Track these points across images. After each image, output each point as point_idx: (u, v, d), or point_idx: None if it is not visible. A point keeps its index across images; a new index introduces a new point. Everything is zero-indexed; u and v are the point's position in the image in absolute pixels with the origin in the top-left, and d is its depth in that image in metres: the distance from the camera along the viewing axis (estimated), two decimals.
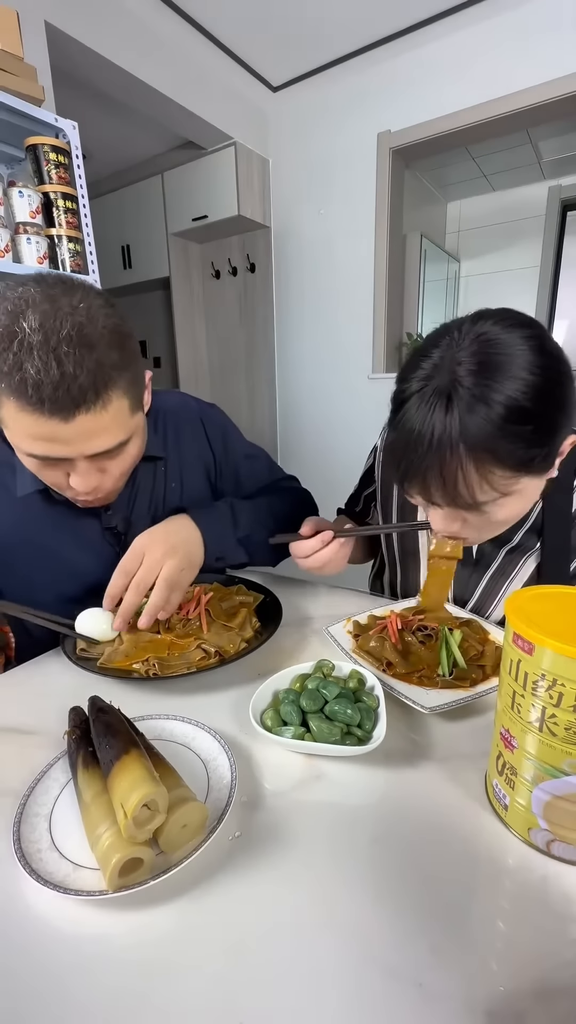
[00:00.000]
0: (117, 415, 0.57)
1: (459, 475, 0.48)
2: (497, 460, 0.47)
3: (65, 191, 1.47)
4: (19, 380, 0.50)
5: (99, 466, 0.61)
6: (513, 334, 0.48)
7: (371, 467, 0.88)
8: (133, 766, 0.37)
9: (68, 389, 0.51)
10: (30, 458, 0.58)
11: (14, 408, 0.53)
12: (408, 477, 0.53)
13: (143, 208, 3.00)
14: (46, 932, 0.32)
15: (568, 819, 0.36)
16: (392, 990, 0.29)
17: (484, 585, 0.72)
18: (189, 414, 0.87)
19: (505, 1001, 0.28)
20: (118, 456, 0.62)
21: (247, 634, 0.64)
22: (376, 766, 0.46)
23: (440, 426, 0.47)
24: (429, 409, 0.48)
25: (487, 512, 0.52)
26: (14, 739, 0.51)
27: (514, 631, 0.36)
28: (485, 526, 0.57)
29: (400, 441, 0.52)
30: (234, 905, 0.34)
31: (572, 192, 3.21)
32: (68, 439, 0.55)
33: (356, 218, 2.54)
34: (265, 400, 3.11)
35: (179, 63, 2.16)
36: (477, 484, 0.49)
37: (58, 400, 0.51)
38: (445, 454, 0.48)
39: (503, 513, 0.53)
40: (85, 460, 0.58)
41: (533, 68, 1.99)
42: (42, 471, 0.61)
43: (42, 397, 0.51)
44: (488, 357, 0.47)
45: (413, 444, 0.49)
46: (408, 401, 0.51)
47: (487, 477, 0.48)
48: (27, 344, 0.50)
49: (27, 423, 0.53)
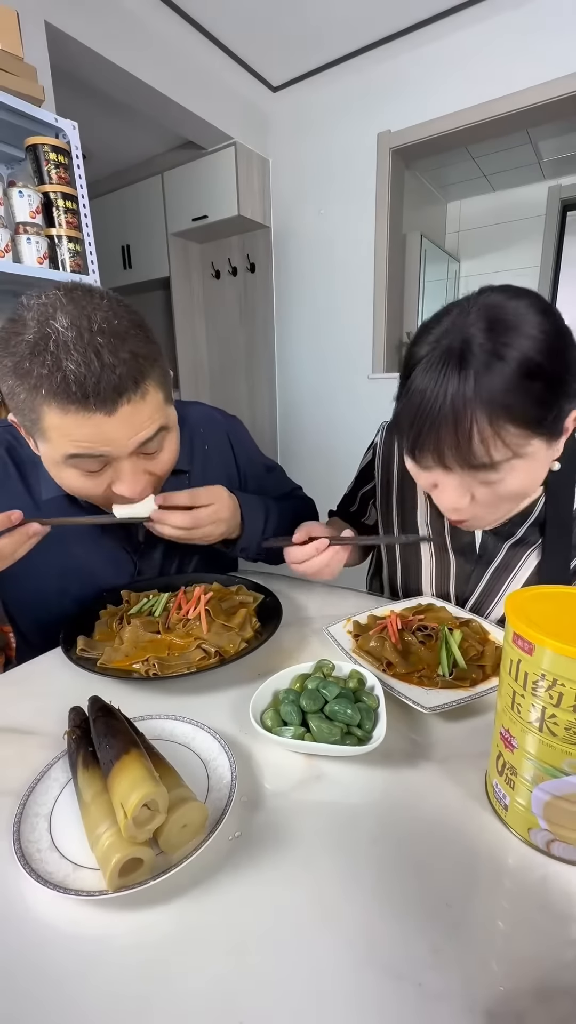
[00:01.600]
0: (155, 406, 0.58)
1: (474, 432, 0.49)
2: (511, 417, 0.49)
3: (65, 191, 1.47)
4: (61, 379, 0.51)
5: (144, 466, 0.61)
6: (519, 301, 0.50)
7: (369, 464, 0.87)
8: (133, 766, 0.37)
9: (109, 380, 0.52)
10: (73, 468, 0.58)
11: (57, 412, 0.53)
12: (421, 440, 0.53)
13: (143, 208, 3.00)
14: (46, 932, 0.32)
15: (568, 819, 0.36)
16: (392, 990, 0.29)
17: (486, 580, 0.72)
18: (216, 429, 0.88)
19: (505, 1001, 0.28)
20: (159, 454, 0.62)
21: (247, 634, 0.64)
22: (376, 766, 0.46)
23: (455, 383, 0.49)
24: (442, 368, 0.49)
25: (498, 479, 0.53)
26: (14, 739, 0.51)
27: (514, 631, 0.36)
28: (493, 502, 0.57)
29: (412, 405, 0.52)
30: (234, 905, 0.34)
31: (572, 192, 3.21)
32: (113, 434, 0.55)
33: (356, 218, 2.54)
34: (265, 400, 3.11)
35: (179, 63, 2.16)
36: (492, 440, 0.49)
37: (101, 392, 0.52)
38: (461, 411, 0.49)
39: (512, 481, 0.54)
40: (129, 460, 0.59)
41: (533, 68, 1.99)
42: (85, 485, 0.60)
43: (86, 392, 0.51)
44: (499, 319, 0.49)
45: (427, 404, 0.50)
46: (418, 366, 0.52)
47: (501, 434, 0.49)
48: (62, 342, 0.51)
49: (71, 424, 0.53)
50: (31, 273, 1.42)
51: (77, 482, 0.60)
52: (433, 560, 0.76)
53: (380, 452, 0.84)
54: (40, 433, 0.56)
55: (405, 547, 0.80)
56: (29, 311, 0.53)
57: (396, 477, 0.81)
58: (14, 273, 1.38)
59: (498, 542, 0.70)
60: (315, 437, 3.00)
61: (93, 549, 0.75)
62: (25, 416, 0.56)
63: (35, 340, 0.51)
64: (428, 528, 0.77)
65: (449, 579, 0.75)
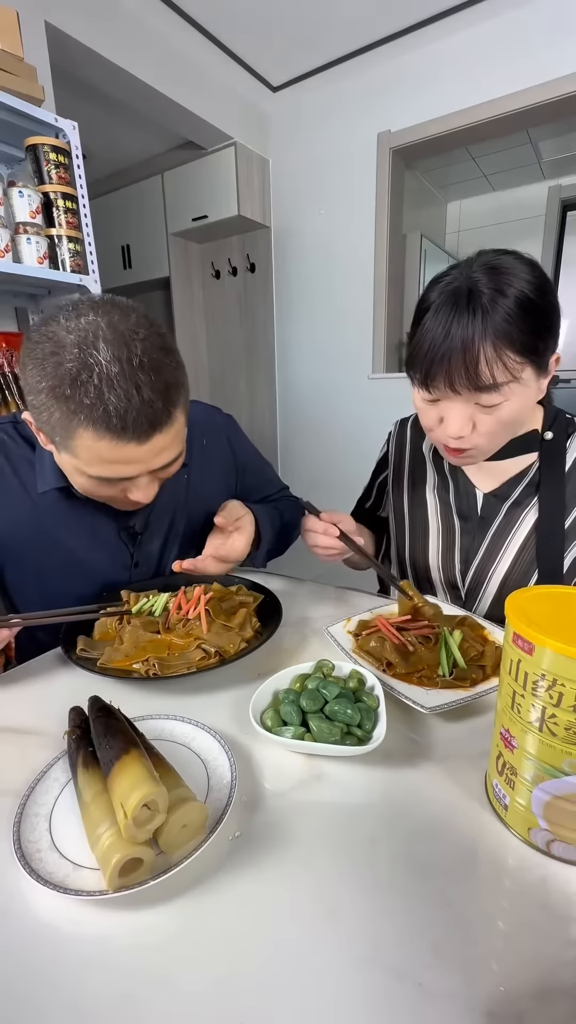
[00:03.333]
0: (179, 429, 0.61)
1: (481, 357, 0.58)
2: (511, 343, 0.58)
3: (65, 191, 1.47)
4: (103, 412, 0.52)
5: (156, 476, 0.64)
6: (509, 256, 0.62)
7: (384, 456, 0.95)
8: (133, 766, 0.37)
9: (146, 414, 0.54)
10: (93, 479, 0.60)
11: (91, 437, 0.54)
12: (434, 369, 0.62)
13: (143, 208, 3.00)
14: (46, 932, 0.32)
15: (568, 819, 0.36)
16: (392, 990, 0.29)
17: (488, 542, 0.77)
18: (216, 429, 0.91)
19: (505, 1001, 0.28)
20: (172, 467, 0.65)
21: (247, 634, 0.64)
22: (376, 766, 0.46)
23: (465, 317, 0.59)
24: (454, 306, 0.60)
25: (499, 402, 0.62)
26: (14, 739, 0.51)
27: (514, 631, 0.36)
28: (492, 430, 0.65)
29: (426, 339, 0.62)
30: (234, 905, 0.34)
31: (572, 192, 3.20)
32: (140, 459, 0.58)
33: (356, 218, 2.54)
34: (265, 400, 3.11)
35: (179, 63, 2.16)
36: (495, 363, 0.59)
37: (140, 426, 0.54)
38: (470, 339, 0.58)
39: (509, 407, 0.62)
40: (147, 475, 0.61)
41: (533, 68, 1.99)
42: (99, 489, 0.62)
43: (126, 425, 0.53)
44: (497, 267, 0.60)
45: (441, 336, 0.60)
46: (430, 308, 0.62)
47: (503, 358, 0.59)
48: (106, 376, 0.52)
49: (103, 449, 0.55)
50: (31, 273, 1.42)
51: (92, 488, 0.63)
52: (440, 526, 0.82)
53: (395, 439, 0.93)
54: (67, 448, 0.57)
55: (414, 513, 0.86)
56: (69, 334, 0.53)
57: (408, 457, 0.89)
58: (14, 273, 1.38)
59: (497, 504, 0.77)
60: (315, 437, 3.00)
61: (88, 538, 0.76)
62: (55, 431, 0.56)
63: (77, 370, 0.52)
64: (435, 496, 0.84)
65: (454, 542, 0.80)
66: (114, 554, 0.78)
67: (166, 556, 0.84)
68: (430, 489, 0.84)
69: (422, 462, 0.87)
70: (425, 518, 0.84)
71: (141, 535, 0.79)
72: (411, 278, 2.81)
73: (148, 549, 0.81)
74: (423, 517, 0.84)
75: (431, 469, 0.85)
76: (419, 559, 0.84)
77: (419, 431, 0.88)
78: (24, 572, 0.75)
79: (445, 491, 0.82)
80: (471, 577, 0.78)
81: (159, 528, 0.81)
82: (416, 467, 0.87)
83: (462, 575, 0.79)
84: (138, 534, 0.79)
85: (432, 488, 0.84)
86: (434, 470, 0.85)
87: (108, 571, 0.78)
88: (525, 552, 0.74)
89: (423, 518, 0.84)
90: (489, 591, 0.77)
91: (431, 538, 0.83)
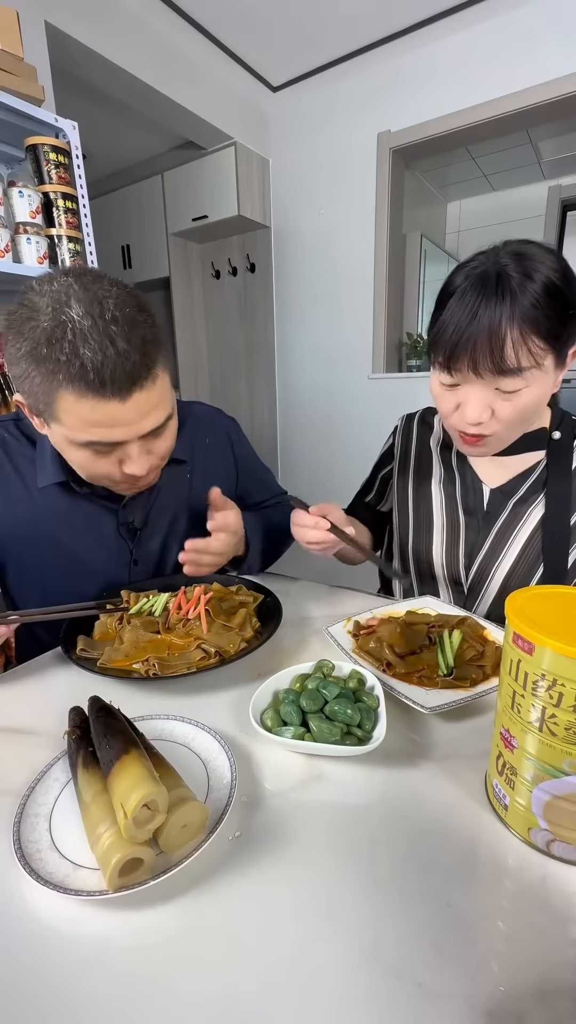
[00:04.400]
0: (163, 390, 0.61)
1: (508, 340, 0.59)
2: (536, 328, 0.59)
3: (65, 191, 1.47)
4: (79, 366, 0.53)
5: (148, 447, 0.64)
6: (533, 245, 0.63)
7: (389, 448, 0.95)
8: (133, 766, 0.37)
9: (124, 367, 0.54)
10: (85, 450, 0.60)
11: (73, 398, 0.55)
12: (458, 351, 0.62)
13: (143, 208, 3.00)
14: (46, 932, 0.32)
15: (568, 819, 0.36)
16: (392, 990, 0.29)
17: (493, 538, 0.77)
18: (218, 428, 0.92)
19: (505, 1001, 0.28)
20: (163, 434, 0.65)
21: (247, 634, 0.64)
22: (376, 766, 0.46)
23: (492, 300, 0.59)
24: (481, 288, 0.60)
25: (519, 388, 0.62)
26: (14, 739, 0.51)
27: (514, 631, 0.36)
28: (510, 418, 0.65)
29: (451, 322, 0.62)
30: (234, 905, 0.34)
31: (572, 192, 3.21)
32: (126, 420, 0.58)
33: (356, 218, 2.54)
34: (265, 400, 3.11)
35: (179, 63, 2.16)
36: (520, 347, 0.59)
37: (117, 380, 0.54)
38: (496, 322, 0.59)
39: (528, 394, 0.63)
40: (137, 442, 0.61)
41: (533, 68, 1.99)
42: (95, 464, 0.62)
43: (103, 379, 0.53)
44: (524, 254, 0.61)
45: (467, 318, 0.60)
46: (455, 292, 0.62)
47: (528, 343, 0.59)
48: (79, 330, 0.52)
49: (86, 410, 0.55)
50: (31, 273, 1.42)
51: (87, 461, 0.62)
52: (445, 520, 0.82)
53: (401, 432, 0.93)
54: (53, 416, 0.58)
55: (418, 506, 0.86)
56: (42, 296, 0.54)
57: (414, 450, 0.89)
58: (14, 273, 1.38)
59: (503, 500, 0.77)
60: (315, 437, 3.00)
61: (88, 535, 0.76)
62: (38, 399, 0.57)
63: (51, 327, 0.52)
64: (441, 491, 0.83)
65: (459, 537, 0.80)
66: (113, 552, 0.78)
67: (166, 555, 0.84)
68: (436, 483, 0.84)
69: (429, 456, 0.86)
70: (430, 512, 0.84)
71: (140, 531, 0.79)
72: (411, 278, 2.81)
73: (148, 547, 0.81)
74: (427, 511, 0.84)
75: (438, 463, 0.85)
76: (422, 554, 0.84)
77: (426, 425, 0.89)
78: (24, 570, 0.75)
79: (451, 485, 0.82)
80: (474, 573, 0.78)
81: (159, 525, 0.81)
82: (422, 461, 0.87)
83: (466, 570, 0.79)
84: (137, 530, 0.79)
85: (438, 482, 0.84)
86: (441, 464, 0.84)
87: (107, 569, 0.78)
88: (530, 549, 0.74)
89: (427, 512, 0.84)
90: (492, 587, 0.77)
91: (435, 532, 0.83)
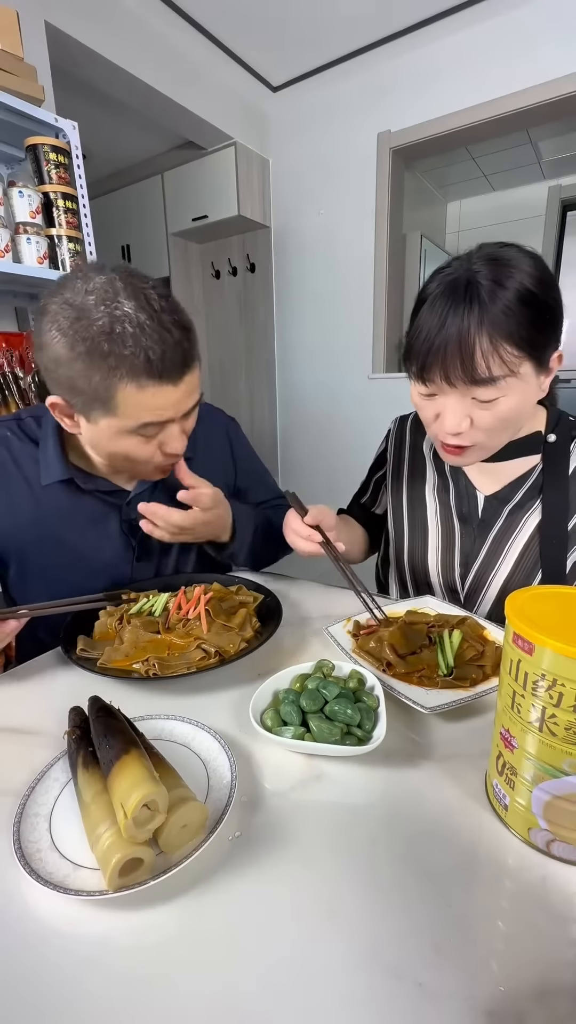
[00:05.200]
0: (200, 372, 0.65)
1: (477, 349, 0.57)
2: (508, 336, 0.57)
3: (65, 191, 1.47)
4: (144, 359, 0.56)
5: (184, 426, 0.67)
6: (511, 248, 0.61)
7: (383, 452, 0.94)
8: (133, 766, 0.37)
9: (179, 354, 0.59)
10: (134, 437, 0.62)
11: (134, 389, 0.58)
12: (430, 361, 0.60)
13: (143, 208, 3.00)
14: (46, 932, 0.32)
15: (568, 819, 0.36)
16: (392, 990, 0.29)
17: (488, 545, 0.76)
18: (218, 426, 0.93)
19: (505, 1001, 0.28)
20: (194, 413, 0.68)
21: (247, 634, 0.64)
22: (376, 766, 0.46)
23: (462, 308, 0.57)
24: (451, 296, 0.58)
25: (496, 397, 0.60)
26: (14, 739, 0.51)
27: (514, 631, 0.36)
28: (491, 426, 0.63)
29: (424, 329, 0.60)
30: (234, 905, 0.34)
31: (572, 192, 3.20)
32: (175, 401, 0.62)
33: (356, 218, 2.54)
34: (265, 400, 3.11)
35: (179, 63, 2.16)
36: (492, 356, 0.57)
37: (175, 367, 0.59)
38: (466, 331, 0.57)
39: (507, 402, 0.61)
40: (178, 422, 0.65)
41: (533, 68, 1.99)
42: (139, 450, 0.65)
43: (164, 367, 0.58)
44: (498, 259, 0.59)
45: (437, 327, 0.59)
46: (428, 299, 0.61)
47: (500, 352, 0.57)
48: (137, 324, 0.56)
49: (147, 397, 0.59)
50: (31, 273, 1.42)
51: (133, 448, 0.64)
52: (439, 528, 0.81)
53: (393, 436, 0.91)
54: (109, 409, 0.60)
55: (413, 513, 0.85)
56: (85, 296, 0.56)
57: (407, 455, 0.87)
58: (14, 273, 1.38)
59: (499, 507, 0.75)
60: (315, 437, 3.00)
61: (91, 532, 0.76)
62: (95, 395, 0.59)
63: (109, 323, 0.55)
64: (435, 498, 0.82)
65: (454, 545, 0.79)
66: (116, 548, 0.79)
67: (168, 551, 0.84)
68: (430, 490, 0.83)
69: (422, 461, 0.85)
70: (424, 519, 0.82)
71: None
72: (411, 278, 2.81)
73: (150, 543, 0.81)
74: (422, 518, 0.83)
75: (431, 469, 0.83)
76: (418, 561, 0.83)
77: (419, 429, 0.87)
78: (26, 569, 0.75)
79: (445, 492, 0.81)
80: (471, 581, 0.77)
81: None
82: (416, 466, 0.86)
83: (462, 579, 0.78)
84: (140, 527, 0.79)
85: (432, 489, 0.82)
86: (434, 470, 0.83)
87: (110, 566, 0.78)
88: (527, 556, 0.73)
89: (422, 519, 0.83)
90: (489, 595, 0.76)
91: (430, 540, 0.81)
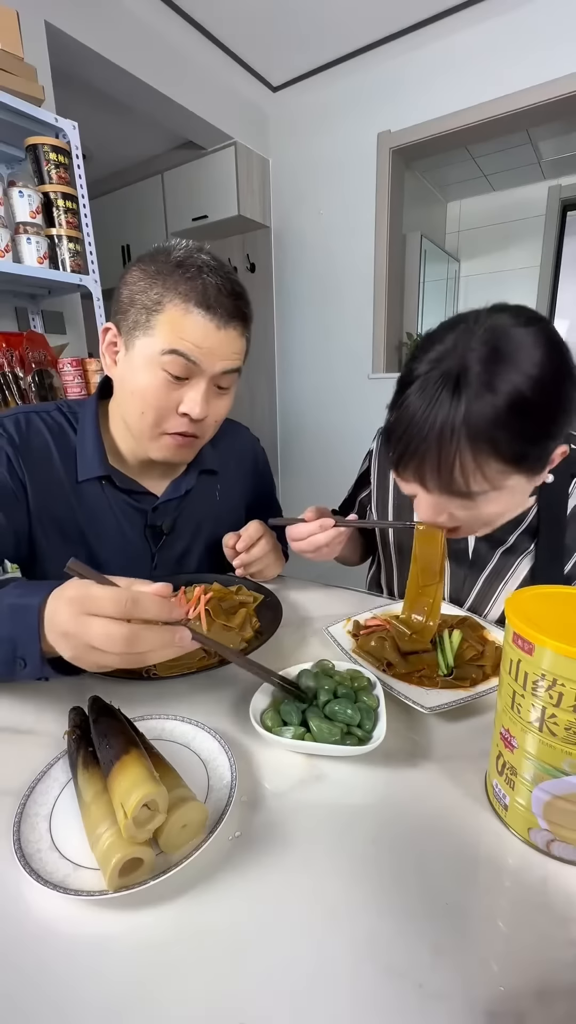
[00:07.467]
0: (242, 346, 0.68)
1: (456, 461, 0.49)
2: (494, 450, 0.48)
3: (65, 191, 1.47)
4: (201, 285, 0.61)
5: (210, 396, 0.68)
6: (527, 330, 0.49)
7: (367, 470, 0.88)
8: (133, 766, 0.37)
9: (231, 302, 0.63)
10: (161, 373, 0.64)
11: (180, 310, 0.61)
12: (404, 459, 0.53)
13: (143, 208, 3.00)
14: (46, 932, 0.32)
15: (568, 819, 0.36)
16: (392, 990, 0.29)
17: (480, 586, 0.73)
18: (246, 447, 0.94)
19: (505, 1001, 0.28)
20: (224, 395, 0.71)
21: (247, 634, 0.64)
22: (376, 766, 0.46)
23: (444, 409, 0.48)
24: (436, 391, 0.49)
25: (475, 505, 0.53)
26: (14, 739, 0.51)
27: (514, 631, 0.36)
28: (471, 521, 0.57)
29: (402, 422, 0.52)
30: (234, 905, 0.34)
31: (572, 192, 3.21)
32: (212, 345, 0.63)
33: (356, 218, 2.54)
34: (265, 400, 3.11)
35: (179, 63, 2.16)
36: (472, 472, 0.49)
37: (225, 310, 0.63)
38: (446, 438, 0.48)
39: (490, 509, 0.54)
40: (206, 382, 0.66)
41: (533, 68, 1.99)
42: (161, 392, 0.65)
43: (211, 303, 0.62)
44: (500, 348, 0.48)
45: (415, 425, 0.50)
46: (414, 383, 0.51)
47: (482, 467, 0.49)
48: (207, 266, 0.63)
49: (188, 322, 0.62)
50: (31, 273, 1.42)
51: (156, 389, 0.65)
52: None
53: (375, 459, 0.85)
54: (147, 328, 0.63)
55: (400, 553, 0.80)
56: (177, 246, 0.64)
57: (392, 484, 0.81)
58: (14, 273, 1.38)
59: (490, 549, 0.71)
60: (315, 437, 3.00)
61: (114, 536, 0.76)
62: (138, 308, 0.63)
63: (184, 257, 0.62)
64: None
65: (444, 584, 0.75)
66: (136, 554, 0.79)
67: (185, 561, 0.84)
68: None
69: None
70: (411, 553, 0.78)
71: (167, 536, 0.80)
72: (411, 278, 2.82)
73: (170, 552, 0.82)
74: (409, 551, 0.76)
75: None
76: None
77: None
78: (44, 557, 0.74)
79: None
80: None
81: (185, 531, 0.82)
82: (400, 496, 0.79)
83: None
84: (164, 534, 0.79)
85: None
86: None
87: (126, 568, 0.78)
88: None
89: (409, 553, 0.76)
90: None
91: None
